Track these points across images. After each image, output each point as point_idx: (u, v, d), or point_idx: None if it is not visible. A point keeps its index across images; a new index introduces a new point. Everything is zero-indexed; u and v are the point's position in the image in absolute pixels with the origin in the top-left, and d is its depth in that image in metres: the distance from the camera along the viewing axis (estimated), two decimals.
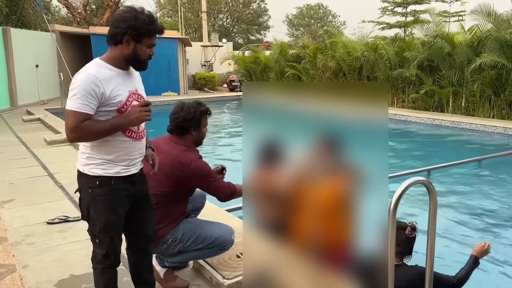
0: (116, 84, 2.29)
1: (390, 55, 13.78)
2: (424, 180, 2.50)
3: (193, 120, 2.88)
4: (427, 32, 12.88)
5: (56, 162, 6.75)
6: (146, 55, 2.35)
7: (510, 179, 6.82)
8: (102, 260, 2.45)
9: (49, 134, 8.95)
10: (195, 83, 22.54)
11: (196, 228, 2.95)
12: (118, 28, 2.26)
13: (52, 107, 13.85)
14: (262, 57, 20.87)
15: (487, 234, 4.67)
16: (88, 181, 2.33)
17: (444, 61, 12.25)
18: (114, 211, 2.38)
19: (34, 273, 3.26)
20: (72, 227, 4.17)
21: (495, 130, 10.03)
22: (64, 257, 3.53)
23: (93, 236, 2.44)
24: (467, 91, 11.89)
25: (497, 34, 10.80)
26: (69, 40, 18.12)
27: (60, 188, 5.46)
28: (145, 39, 2.31)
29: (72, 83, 2.23)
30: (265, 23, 54.08)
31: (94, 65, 2.28)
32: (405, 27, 16.97)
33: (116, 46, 2.31)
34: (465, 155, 7.57)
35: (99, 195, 2.33)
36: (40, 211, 4.59)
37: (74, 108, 2.18)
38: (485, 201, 5.70)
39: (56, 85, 16.39)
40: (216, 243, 2.94)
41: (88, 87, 2.18)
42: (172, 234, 2.88)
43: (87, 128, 2.20)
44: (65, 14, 31.33)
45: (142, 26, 2.27)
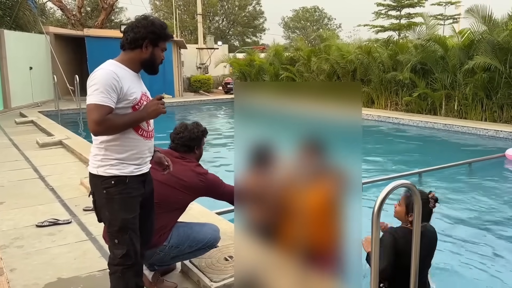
0: (131, 83, 2.42)
1: (384, 58, 13.84)
2: (407, 183, 2.54)
3: (197, 140, 3.12)
4: (420, 35, 12.94)
5: (47, 165, 6.73)
6: (160, 59, 2.54)
7: (499, 182, 6.86)
8: (123, 261, 2.47)
9: (42, 137, 8.93)
10: (190, 86, 22.51)
11: (189, 231, 3.02)
12: (138, 33, 2.44)
13: (46, 110, 13.83)
14: (257, 59, 20.90)
15: (477, 235, 4.70)
16: (103, 182, 2.40)
17: (437, 64, 12.32)
18: (130, 210, 2.46)
19: (21, 276, 3.26)
20: (62, 230, 4.17)
21: (487, 133, 10.09)
22: (52, 260, 3.53)
23: (112, 236, 2.47)
24: (459, 94, 11.95)
25: (489, 37, 10.86)
26: (63, 42, 18.10)
27: (51, 191, 5.45)
28: (161, 43, 2.51)
29: (91, 79, 2.33)
30: (261, 26, 54.17)
31: (111, 64, 2.41)
32: (399, 30, 17.05)
33: (133, 50, 2.47)
34: (457, 158, 7.61)
35: (115, 194, 2.41)
36: (30, 214, 4.59)
37: (97, 101, 2.27)
38: (474, 204, 5.73)
39: (50, 87, 16.37)
40: (208, 244, 3.07)
41: (109, 81, 2.29)
42: (168, 241, 2.93)
43: (111, 121, 2.29)
44: (60, 16, 31.30)
45: (160, 31, 2.47)
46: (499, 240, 4.60)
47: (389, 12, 21.97)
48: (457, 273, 3.91)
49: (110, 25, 30.32)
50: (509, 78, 10.72)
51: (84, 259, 3.55)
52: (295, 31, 58.36)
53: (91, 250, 3.71)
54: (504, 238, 4.64)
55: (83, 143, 8.02)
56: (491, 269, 3.99)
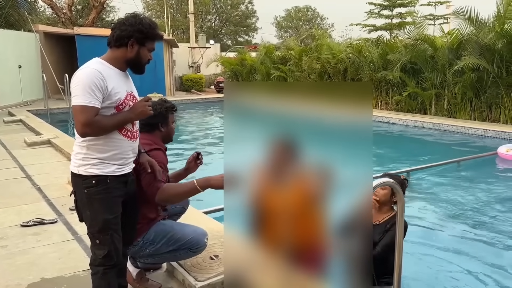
0: (116, 82, 2.39)
1: (374, 57, 13.89)
2: (390, 181, 2.56)
3: (159, 116, 2.95)
4: (410, 35, 13.01)
5: (35, 164, 6.68)
6: (147, 59, 2.49)
7: (490, 179, 6.92)
8: (104, 261, 2.45)
9: (30, 136, 8.85)
10: (182, 85, 22.45)
11: (168, 229, 2.94)
12: (124, 31, 2.39)
13: (35, 109, 13.72)
14: (248, 59, 20.88)
15: (466, 233, 4.74)
16: (84, 182, 2.38)
17: (426, 64, 12.39)
18: (111, 210, 2.44)
19: (4, 277, 3.22)
20: (47, 229, 4.13)
21: (475, 132, 10.17)
22: (36, 260, 3.50)
23: (93, 237, 2.46)
24: (449, 94, 12.03)
25: (476, 38, 10.94)
26: (53, 40, 17.95)
27: (38, 190, 5.40)
28: (148, 43, 2.45)
29: (75, 78, 2.30)
30: (253, 25, 54.15)
31: (95, 63, 2.37)
32: (391, 29, 17.12)
33: (119, 48, 2.43)
34: (446, 157, 7.67)
35: (96, 194, 2.39)
36: (14, 214, 4.54)
37: (84, 103, 2.24)
38: (463, 202, 5.77)
39: (40, 86, 16.21)
40: (188, 245, 2.93)
41: (94, 81, 2.26)
42: (143, 236, 2.87)
43: (99, 123, 2.28)
44: (50, 14, 31.06)
45: (148, 30, 2.42)
46: (489, 237, 4.64)
47: (381, 11, 22.07)
48: (445, 270, 3.93)
49: (101, 24, 30.17)
50: (497, 78, 10.81)
51: (68, 259, 3.52)
52: (288, 31, 58.39)
53: (76, 250, 3.68)
54: (494, 234, 4.67)
55: (72, 142, 7.85)
56: (479, 266, 4.02)
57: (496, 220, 5.13)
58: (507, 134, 9.57)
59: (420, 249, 4.24)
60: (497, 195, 6.09)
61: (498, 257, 4.20)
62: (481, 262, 4.08)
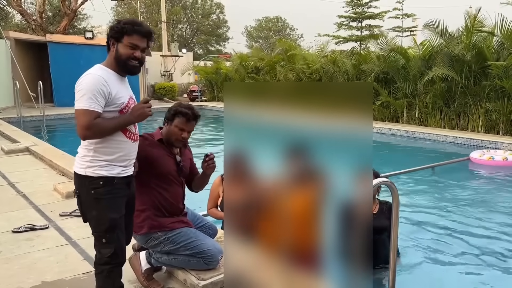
0: (119, 87, 2.47)
1: (348, 67, 14.26)
2: (387, 181, 2.73)
3: (167, 114, 3.13)
4: (382, 46, 13.45)
5: (16, 172, 6.58)
6: (128, 54, 2.46)
7: (464, 184, 7.22)
8: (110, 260, 2.51)
9: (6, 144, 8.68)
10: (154, 93, 22.33)
11: (192, 235, 3.08)
12: (107, 35, 2.48)
13: (7, 116, 13.38)
14: (223, 67, 21.02)
15: (441, 235, 4.90)
16: (92, 183, 2.45)
17: (398, 74, 12.82)
18: (118, 210, 2.52)
19: (3, 281, 3.22)
20: (40, 235, 4.12)
21: (447, 139, 10.59)
22: (33, 265, 3.50)
23: (99, 236, 2.51)
24: (420, 103, 12.48)
25: (446, 49, 11.44)
26: (24, 47, 17.58)
27: (23, 197, 5.34)
28: (124, 38, 2.45)
29: (79, 84, 2.37)
30: (225, 34, 54.38)
31: (99, 69, 2.44)
32: (360, 41, 17.61)
33: (109, 52, 2.50)
34: (419, 163, 7.96)
35: (103, 194, 2.46)
36: (4, 220, 4.50)
37: (85, 107, 2.31)
38: (438, 205, 6.02)
39: (11, 93, 15.86)
40: (204, 255, 3.05)
41: (97, 87, 2.33)
42: (166, 233, 3.01)
43: (99, 125, 2.35)
44: (19, 21, 30.35)
45: (121, 26, 2.45)
46: (464, 241, 4.81)
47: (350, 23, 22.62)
48: (421, 274, 4.02)
49: (73, 31, 29.67)
50: (465, 88, 11.31)
51: (66, 262, 3.53)
52: (258, 41, 58.91)
53: (72, 254, 3.70)
54: (469, 239, 4.83)
55: (52, 150, 7.86)
56: (455, 270, 4.17)
57: (474, 222, 5.36)
58: (475, 141, 10.02)
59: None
60: (471, 198, 6.37)
61: (472, 257, 4.37)
62: (456, 264, 4.24)
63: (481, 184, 7.44)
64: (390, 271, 2.86)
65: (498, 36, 10.87)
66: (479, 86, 11.10)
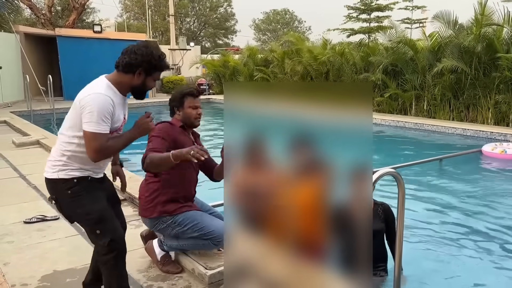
0: (119, 110, 2.52)
1: (356, 60, 14.21)
2: (392, 171, 2.74)
3: (175, 101, 3.28)
4: (390, 38, 13.37)
5: (27, 164, 6.67)
6: (151, 87, 2.61)
7: (468, 176, 7.20)
8: (110, 248, 2.52)
9: (17, 136, 8.80)
10: (162, 87, 22.39)
11: (198, 217, 3.16)
12: (133, 60, 2.47)
13: (18, 110, 13.54)
14: (231, 61, 21.02)
15: (448, 227, 4.91)
16: (65, 184, 2.49)
17: (407, 66, 12.76)
18: (100, 201, 2.56)
19: (16, 270, 3.30)
20: (51, 226, 4.20)
21: (455, 132, 10.54)
22: (45, 254, 3.57)
23: (92, 230, 2.55)
24: (428, 95, 12.42)
25: (456, 41, 11.35)
26: (33, 42, 17.72)
27: (34, 189, 5.43)
28: (155, 73, 2.57)
29: (87, 102, 2.38)
30: (232, 28, 54.31)
31: (107, 87, 2.46)
32: (369, 33, 17.50)
33: (126, 74, 2.50)
34: (427, 155, 7.94)
35: (80, 191, 2.51)
36: (15, 211, 4.58)
37: (96, 130, 2.35)
38: (445, 197, 6.01)
39: (21, 87, 16.04)
40: (211, 236, 3.12)
41: (106, 109, 2.37)
42: (173, 216, 3.10)
43: (110, 148, 2.43)
44: (28, 15, 30.56)
45: (157, 62, 2.52)
46: (469, 229, 4.85)
47: (359, 15, 22.42)
48: (427, 267, 4.01)
49: (81, 25, 29.83)
50: (474, 80, 11.23)
51: (77, 252, 3.59)
52: (266, 33, 58.74)
53: (83, 244, 3.76)
54: (476, 231, 4.83)
55: None
56: (461, 262, 4.14)
57: (483, 214, 5.34)
58: (484, 133, 9.96)
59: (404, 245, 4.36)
60: (482, 191, 6.32)
61: (481, 250, 4.35)
62: (465, 256, 4.22)
63: (493, 177, 7.37)
64: (395, 264, 2.87)
65: (507, 28, 10.77)
66: (488, 78, 11.02)
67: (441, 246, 4.44)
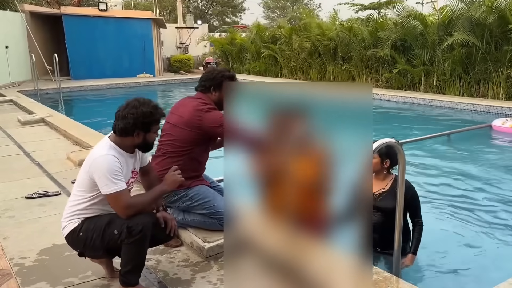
0: (126, 167, 2.59)
1: (365, 35, 13.95)
2: (392, 141, 2.66)
3: (213, 80, 3.24)
4: (399, 12, 13.08)
5: (31, 142, 6.69)
6: (154, 139, 2.66)
7: (477, 151, 7.10)
8: (142, 230, 2.48)
9: (23, 115, 8.81)
10: (170, 66, 22.26)
11: (210, 195, 3.18)
12: (127, 124, 2.51)
13: (24, 89, 13.56)
14: (239, 38, 20.78)
15: (455, 202, 4.86)
16: (76, 229, 2.59)
17: (416, 41, 12.48)
18: (108, 222, 2.56)
19: (15, 243, 3.31)
20: (52, 201, 4.21)
21: (464, 107, 10.37)
22: (45, 228, 3.58)
23: (116, 237, 2.51)
24: (438, 70, 12.18)
25: (467, 14, 11.05)
26: (39, 20, 17.63)
27: (37, 165, 5.44)
28: (153, 127, 2.60)
29: (96, 169, 2.46)
30: (241, 5, 53.56)
31: (110, 148, 2.54)
32: (379, 8, 17.16)
33: (126, 137, 2.57)
34: (436, 130, 7.83)
35: (89, 229, 2.56)
36: (18, 187, 4.59)
37: (114, 190, 2.44)
38: (454, 171, 5.94)
39: (28, 66, 16.00)
40: (219, 216, 3.12)
41: (116, 166, 2.46)
42: (186, 190, 3.11)
43: (138, 204, 2.53)
44: None
45: (150, 118, 2.55)
46: (477, 205, 4.78)
47: None
48: (437, 243, 3.97)
49: (87, 3, 29.62)
50: (486, 54, 10.96)
51: None
52: (275, 11, 57.92)
53: None
54: (485, 206, 4.78)
55: (67, 120, 7.98)
56: (473, 236, 4.11)
57: (494, 187, 5.28)
58: (494, 108, 9.78)
59: None
60: (492, 165, 6.24)
61: (489, 225, 4.30)
62: (473, 232, 4.17)
63: (503, 151, 7.27)
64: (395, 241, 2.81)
65: None
66: (500, 52, 10.74)
67: (450, 221, 4.40)
